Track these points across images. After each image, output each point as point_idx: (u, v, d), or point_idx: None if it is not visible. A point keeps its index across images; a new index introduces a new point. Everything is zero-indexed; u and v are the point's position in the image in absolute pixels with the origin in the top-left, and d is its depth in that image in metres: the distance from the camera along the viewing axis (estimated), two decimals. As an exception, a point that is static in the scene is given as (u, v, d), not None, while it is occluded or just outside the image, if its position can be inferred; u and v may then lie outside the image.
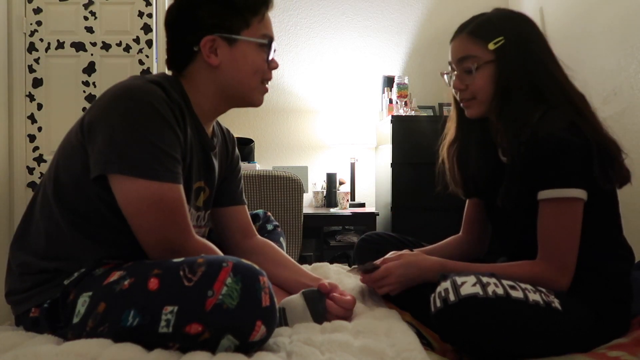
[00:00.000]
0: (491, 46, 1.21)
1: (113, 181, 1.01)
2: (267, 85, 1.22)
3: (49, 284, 1.04)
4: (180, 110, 1.10)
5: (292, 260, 1.38)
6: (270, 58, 1.18)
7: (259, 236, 1.41)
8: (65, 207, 1.06)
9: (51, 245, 1.06)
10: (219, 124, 1.34)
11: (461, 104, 1.31)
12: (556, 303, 1.05)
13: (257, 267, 0.93)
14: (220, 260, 0.92)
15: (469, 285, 1.01)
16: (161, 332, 0.87)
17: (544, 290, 1.08)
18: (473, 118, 1.30)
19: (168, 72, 1.21)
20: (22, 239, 1.12)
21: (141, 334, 0.88)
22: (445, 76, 1.34)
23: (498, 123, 1.25)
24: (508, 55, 1.21)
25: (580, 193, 1.12)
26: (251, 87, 1.18)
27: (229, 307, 0.86)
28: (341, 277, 1.49)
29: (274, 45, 1.19)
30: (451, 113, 1.40)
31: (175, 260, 0.94)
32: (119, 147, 0.99)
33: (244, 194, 1.43)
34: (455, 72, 1.28)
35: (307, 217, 2.81)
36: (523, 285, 1.05)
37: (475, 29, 1.25)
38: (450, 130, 1.41)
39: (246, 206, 1.42)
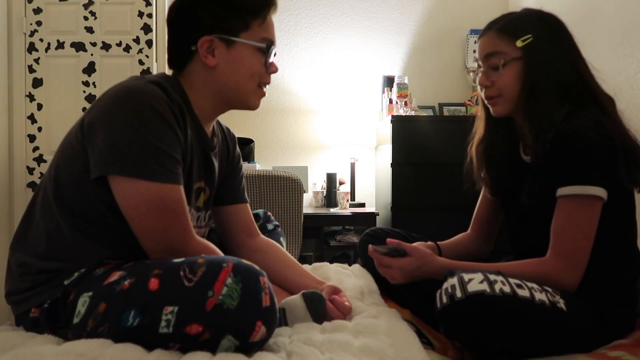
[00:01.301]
0: (519, 43, 1.21)
1: (113, 182, 1.01)
2: (264, 89, 1.20)
3: (49, 284, 1.04)
4: (181, 111, 1.09)
5: (296, 261, 1.38)
6: (269, 62, 1.17)
7: (262, 235, 1.41)
8: (65, 207, 1.06)
9: (51, 246, 1.06)
10: (219, 123, 1.34)
11: (486, 102, 1.30)
12: (561, 303, 1.05)
13: (257, 267, 0.93)
14: (221, 260, 0.92)
15: (476, 282, 1.01)
16: (161, 333, 0.87)
17: (550, 290, 1.07)
18: (499, 116, 1.29)
19: (168, 72, 1.21)
20: (22, 240, 1.12)
21: (141, 334, 0.89)
22: (471, 74, 1.33)
23: (523, 121, 1.24)
24: (536, 53, 1.20)
25: (600, 191, 1.11)
26: (247, 91, 1.17)
27: (229, 307, 0.86)
28: (341, 277, 1.49)
29: (273, 49, 1.18)
30: (479, 112, 1.39)
31: (176, 260, 0.94)
32: (119, 148, 0.99)
33: (246, 192, 1.42)
34: (482, 69, 1.28)
35: (307, 217, 2.81)
36: (529, 285, 1.05)
37: (504, 26, 1.24)
38: (479, 129, 1.40)
39: (249, 205, 1.42)
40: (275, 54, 1.19)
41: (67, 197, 1.06)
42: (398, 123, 2.90)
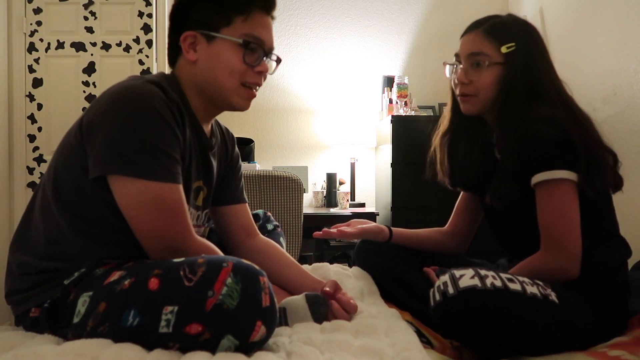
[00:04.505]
0: (504, 49, 1.25)
1: (113, 182, 1.01)
2: (254, 90, 1.17)
3: (49, 284, 1.04)
4: (179, 110, 1.09)
5: (295, 261, 1.38)
6: (249, 59, 1.12)
7: (262, 235, 1.41)
8: (65, 207, 1.06)
9: (51, 246, 1.06)
10: (217, 124, 1.34)
11: (458, 98, 1.32)
12: (553, 296, 1.07)
13: (257, 267, 0.93)
14: (221, 260, 0.92)
15: (467, 278, 1.02)
16: (161, 332, 0.87)
17: (541, 283, 1.09)
18: (468, 114, 1.31)
19: (168, 72, 1.22)
20: (22, 240, 1.12)
21: (141, 334, 0.89)
22: (448, 67, 1.35)
23: (495, 124, 1.27)
24: (517, 61, 1.24)
25: (568, 174, 1.13)
26: (227, 88, 1.14)
27: (229, 307, 0.86)
28: (341, 278, 1.49)
29: (254, 45, 1.13)
30: (448, 104, 1.41)
31: (176, 260, 0.94)
32: (119, 147, 0.99)
33: (245, 192, 1.43)
34: (462, 66, 1.29)
35: (307, 217, 2.81)
36: (521, 279, 1.07)
37: (491, 29, 1.27)
38: (445, 121, 1.43)
39: (247, 205, 1.42)
40: (266, 54, 1.16)
41: (67, 197, 1.06)
42: (398, 123, 2.90)
